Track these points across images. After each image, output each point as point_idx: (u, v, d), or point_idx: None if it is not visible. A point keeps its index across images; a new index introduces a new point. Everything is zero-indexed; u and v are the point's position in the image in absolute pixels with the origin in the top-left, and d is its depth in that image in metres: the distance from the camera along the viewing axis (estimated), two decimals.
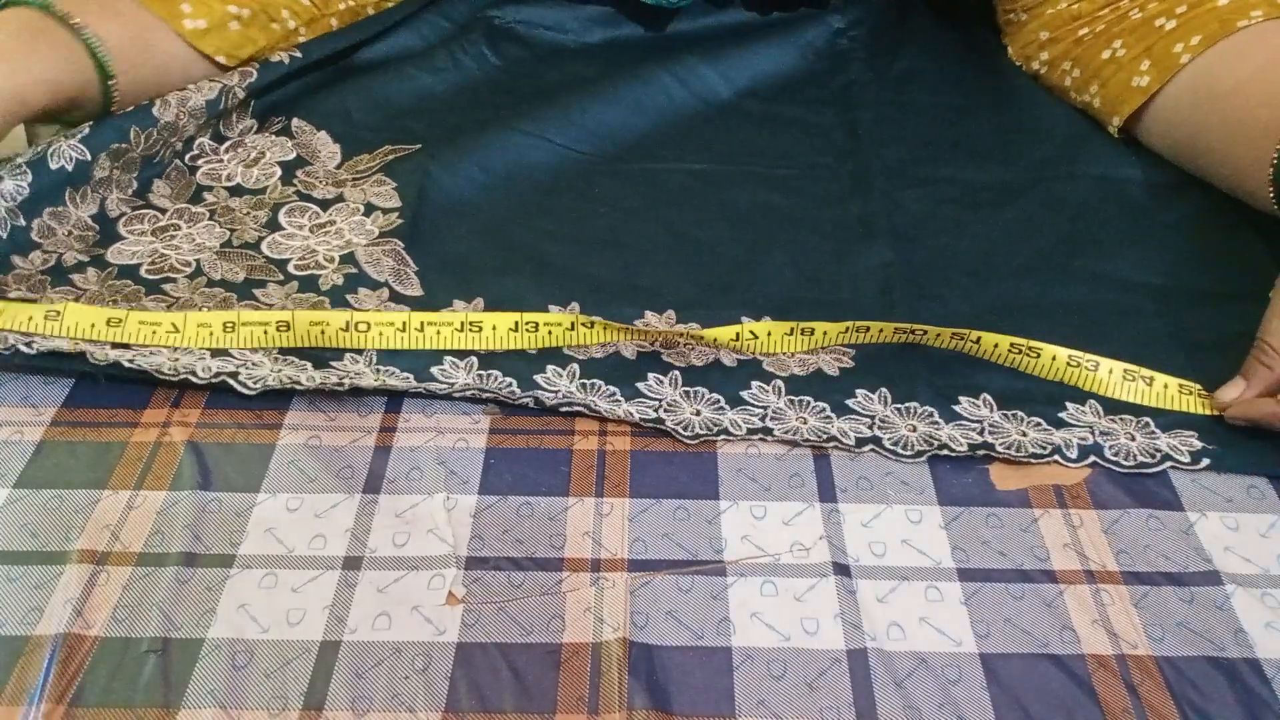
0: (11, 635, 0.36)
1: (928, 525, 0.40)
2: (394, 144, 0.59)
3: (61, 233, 0.51)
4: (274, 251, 0.52)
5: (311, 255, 0.51)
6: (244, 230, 0.53)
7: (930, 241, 0.53)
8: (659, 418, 0.43)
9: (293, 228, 0.53)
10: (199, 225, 0.53)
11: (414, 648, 0.36)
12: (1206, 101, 0.50)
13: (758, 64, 0.65)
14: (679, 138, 0.60)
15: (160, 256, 0.51)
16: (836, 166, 0.58)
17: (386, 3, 0.66)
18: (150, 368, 0.44)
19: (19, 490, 0.41)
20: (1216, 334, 0.47)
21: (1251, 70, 0.48)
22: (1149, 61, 0.52)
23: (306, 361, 0.45)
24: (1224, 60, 0.49)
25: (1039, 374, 0.44)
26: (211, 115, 0.57)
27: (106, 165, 0.53)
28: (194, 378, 0.44)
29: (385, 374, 0.44)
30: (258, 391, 0.44)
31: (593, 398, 0.44)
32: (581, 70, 0.65)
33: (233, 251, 0.52)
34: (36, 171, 0.50)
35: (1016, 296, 0.49)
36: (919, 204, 0.55)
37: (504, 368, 0.45)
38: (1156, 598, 0.38)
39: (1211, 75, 0.50)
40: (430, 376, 0.45)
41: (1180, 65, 0.50)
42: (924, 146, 0.60)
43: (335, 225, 0.53)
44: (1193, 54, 0.50)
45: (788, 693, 0.35)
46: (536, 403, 0.44)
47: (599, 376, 0.45)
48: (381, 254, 0.51)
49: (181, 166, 0.57)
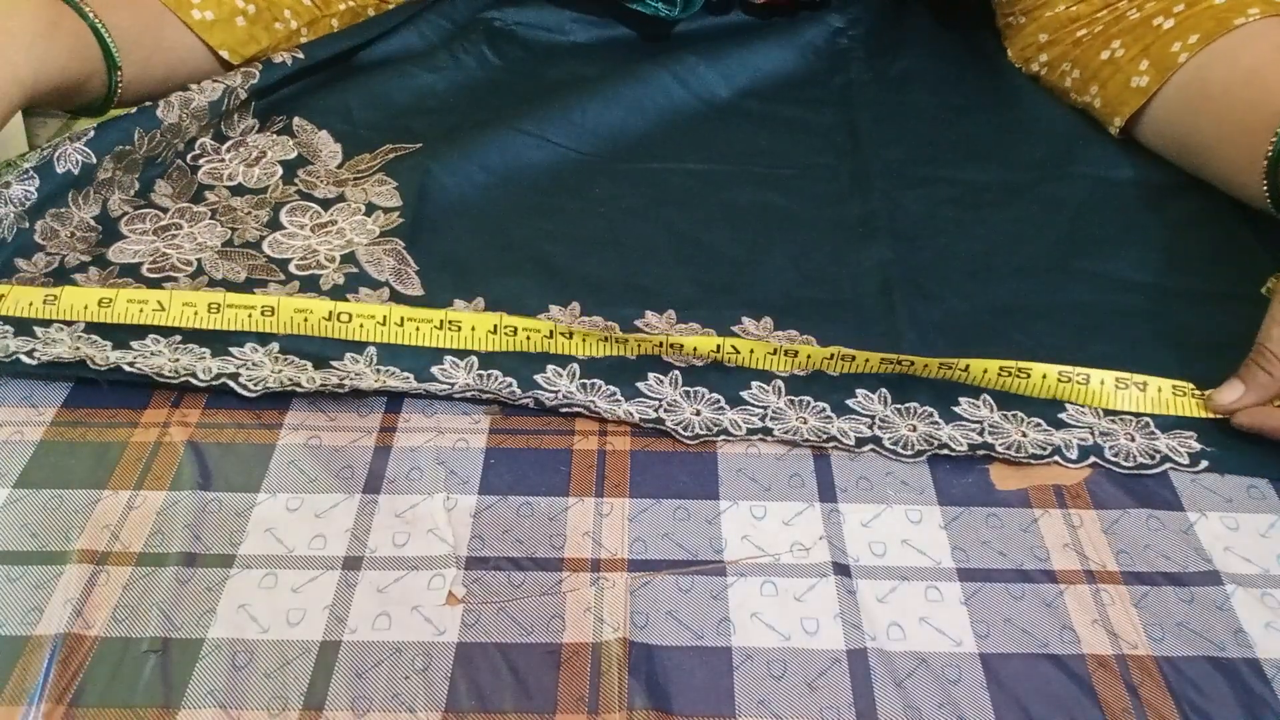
0: (11, 635, 0.36)
1: (928, 525, 0.40)
2: (395, 143, 0.59)
3: (64, 234, 0.51)
4: (275, 251, 0.52)
5: (313, 255, 0.51)
6: (245, 229, 0.53)
7: (930, 241, 0.53)
8: (659, 418, 0.43)
9: (294, 227, 0.53)
10: (200, 224, 0.53)
11: (414, 648, 0.36)
12: (1200, 100, 0.50)
13: (757, 64, 0.65)
14: (679, 138, 0.60)
15: (162, 255, 0.51)
16: (836, 166, 0.58)
17: (387, 4, 0.66)
18: (151, 370, 0.44)
19: (19, 490, 0.41)
20: (1213, 334, 0.47)
21: (1245, 69, 0.48)
22: (1147, 61, 0.52)
23: (306, 361, 0.45)
24: (1219, 59, 0.49)
25: (1031, 394, 0.44)
26: (214, 116, 0.57)
27: (109, 167, 0.53)
28: (194, 380, 0.44)
29: (385, 374, 0.44)
30: (258, 394, 0.44)
31: (593, 398, 0.44)
32: (582, 70, 0.66)
33: (234, 251, 0.52)
34: (44, 176, 0.51)
35: (1016, 297, 0.49)
36: (919, 204, 0.55)
37: (504, 367, 0.45)
38: (1156, 598, 0.38)
39: (1207, 74, 0.50)
40: (430, 376, 0.45)
41: (1178, 65, 0.50)
42: (924, 147, 0.60)
43: (336, 225, 0.53)
44: (1190, 53, 0.50)
45: (788, 693, 0.35)
46: (536, 403, 0.44)
47: (599, 376, 0.45)
48: (382, 253, 0.51)
49: (183, 166, 0.57)
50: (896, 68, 0.66)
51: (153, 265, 0.50)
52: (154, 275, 0.50)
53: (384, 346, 0.46)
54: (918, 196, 0.56)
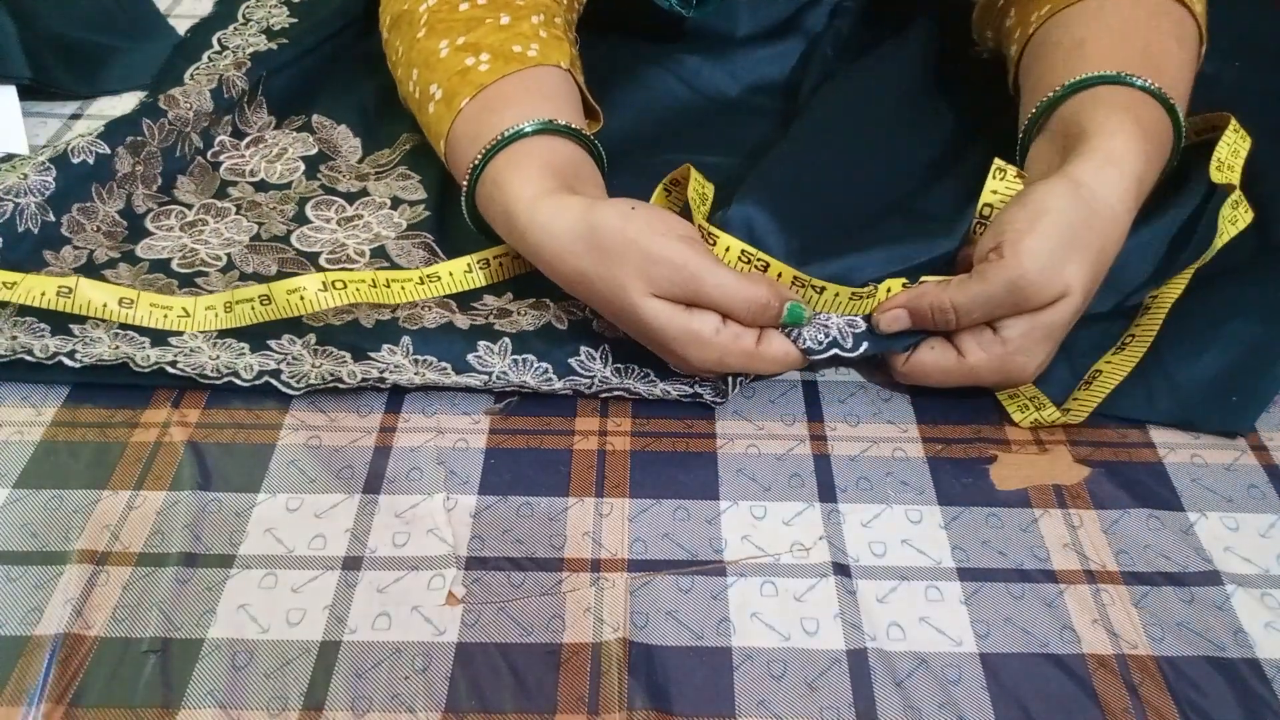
0: (11, 635, 0.36)
1: (928, 525, 0.40)
2: (411, 133, 0.59)
3: (90, 228, 0.52)
4: (303, 244, 0.52)
5: (341, 249, 0.52)
6: (272, 224, 0.54)
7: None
8: (697, 393, 0.44)
9: (320, 221, 0.54)
10: (226, 220, 0.54)
11: (414, 648, 0.36)
12: (1032, 61, 0.50)
13: (764, 60, 0.65)
14: (691, 133, 0.60)
15: (190, 251, 0.52)
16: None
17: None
18: (193, 371, 0.44)
19: (19, 490, 0.41)
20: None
21: (1076, 38, 0.48)
22: (1019, 30, 0.52)
23: (345, 353, 0.45)
24: (1060, 26, 0.49)
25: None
26: (221, 105, 0.58)
27: (128, 160, 0.54)
28: (237, 380, 0.44)
29: (424, 365, 0.45)
30: (302, 391, 0.44)
31: (630, 381, 0.44)
32: (585, 77, 0.65)
33: (263, 245, 0.52)
34: (60, 167, 0.51)
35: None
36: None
37: (537, 350, 0.45)
38: (1156, 598, 0.38)
39: (1046, 38, 0.50)
40: (468, 365, 0.45)
41: (1031, 33, 0.51)
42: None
43: (363, 219, 0.54)
44: (1040, 23, 0.50)
45: (788, 693, 0.35)
46: (575, 392, 0.45)
47: (632, 360, 0.45)
48: (412, 246, 0.52)
49: (204, 163, 0.58)
50: (868, 54, 0.65)
51: (182, 261, 0.51)
52: (184, 270, 0.50)
53: (417, 335, 0.46)
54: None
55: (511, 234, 0.45)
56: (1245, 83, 0.58)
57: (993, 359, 0.42)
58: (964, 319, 0.41)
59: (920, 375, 0.43)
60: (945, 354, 0.43)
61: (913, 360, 0.43)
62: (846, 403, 0.45)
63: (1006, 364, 0.42)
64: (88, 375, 0.45)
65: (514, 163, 0.44)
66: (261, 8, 0.71)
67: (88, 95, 0.65)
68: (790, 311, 0.41)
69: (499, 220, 0.45)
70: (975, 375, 0.42)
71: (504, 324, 0.46)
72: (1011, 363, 0.41)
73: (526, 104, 0.46)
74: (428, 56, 0.50)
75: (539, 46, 0.49)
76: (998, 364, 0.42)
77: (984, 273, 0.40)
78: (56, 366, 0.44)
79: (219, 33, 0.68)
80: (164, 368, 0.44)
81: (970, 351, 0.42)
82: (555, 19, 0.53)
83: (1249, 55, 0.60)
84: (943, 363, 0.43)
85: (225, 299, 0.46)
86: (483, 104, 0.47)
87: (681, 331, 0.40)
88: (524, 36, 0.49)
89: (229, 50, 0.66)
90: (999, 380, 0.43)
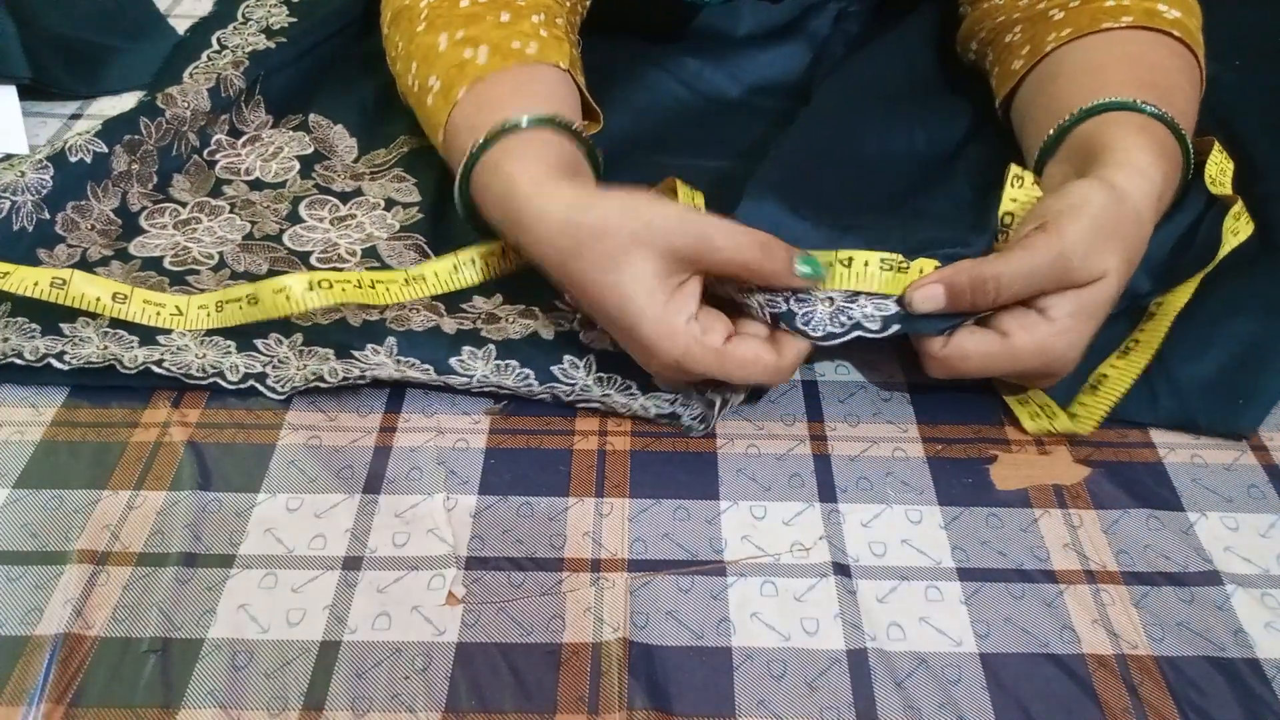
0: (11, 635, 0.36)
1: (928, 525, 0.40)
2: (409, 136, 0.59)
3: (85, 226, 0.52)
4: (296, 244, 0.52)
5: (333, 249, 0.52)
6: (265, 223, 0.53)
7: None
8: (674, 411, 0.44)
9: (313, 220, 0.54)
10: (220, 218, 0.54)
11: (414, 648, 0.36)
12: (1045, 81, 0.51)
13: (766, 61, 0.65)
14: (692, 135, 0.60)
15: (183, 249, 0.52)
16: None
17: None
18: (179, 371, 0.44)
19: (19, 490, 0.41)
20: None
21: (1093, 65, 0.48)
22: (1029, 47, 0.52)
23: (329, 350, 0.45)
24: (1077, 52, 0.50)
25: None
26: (218, 105, 0.58)
27: (124, 159, 0.54)
28: (222, 382, 0.44)
29: (406, 365, 0.44)
30: (286, 395, 0.44)
31: (610, 391, 0.44)
32: (587, 79, 0.65)
33: (255, 244, 0.52)
34: (58, 166, 0.51)
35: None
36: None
37: (521, 356, 0.45)
38: (1156, 598, 0.38)
39: (1061, 61, 0.50)
40: (450, 369, 0.45)
41: (1046, 53, 0.51)
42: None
43: (356, 219, 0.54)
44: (1058, 44, 0.50)
45: (788, 693, 0.35)
46: (554, 399, 0.44)
47: (615, 371, 0.45)
48: (404, 248, 0.52)
49: (200, 161, 0.58)
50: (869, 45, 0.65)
51: (174, 259, 0.51)
52: (176, 268, 0.50)
53: (403, 336, 0.46)
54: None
55: (507, 216, 0.44)
56: (1245, 83, 0.58)
57: (1037, 340, 0.40)
58: (1005, 292, 0.40)
59: (959, 359, 0.41)
60: (987, 336, 0.41)
61: (953, 343, 0.41)
62: (846, 403, 0.45)
63: (1049, 347, 0.40)
64: (77, 379, 0.45)
65: (513, 152, 0.44)
66: (261, 7, 0.71)
67: (88, 95, 0.65)
68: (806, 261, 0.40)
69: (495, 205, 0.44)
70: (1017, 360, 0.41)
71: (491, 330, 0.46)
72: (1055, 346, 0.40)
73: (524, 99, 0.46)
74: (427, 50, 0.50)
75: (538, 45, 0.49)
76: (1042, 346, 0.40)
77: (1031, 243, 0.39)
78: (46, 369, 0.44)
79: (218, 32, 0.68)
80: (150, 368, 0.44)
81: (1014, 332, 0.40)
82: (556, 19, 0.53)
83: (1249, 55, 0.60)
84: (985, 345, 0.41)
85: (216, 298, 0.46)
86: (480, 95, 0.47)
87: (655, 312, 0.39)
88: (524, 34, 0.49)
89: (228, 50, 0.66)
90: (1039, 367, 0.41)
